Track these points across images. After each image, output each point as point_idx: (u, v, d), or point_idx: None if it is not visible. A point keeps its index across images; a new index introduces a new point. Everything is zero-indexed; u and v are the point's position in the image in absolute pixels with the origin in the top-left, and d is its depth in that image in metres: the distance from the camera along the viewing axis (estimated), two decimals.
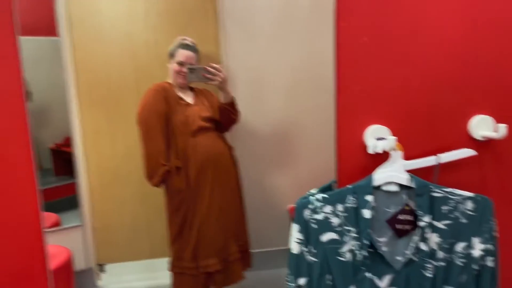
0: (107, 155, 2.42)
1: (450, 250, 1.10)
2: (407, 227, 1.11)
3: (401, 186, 1.11)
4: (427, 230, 1.09)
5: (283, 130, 2.52)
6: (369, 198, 1.10)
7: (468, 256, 1.09)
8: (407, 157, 1.14)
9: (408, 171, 1.12)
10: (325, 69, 2.43)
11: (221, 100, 2.03)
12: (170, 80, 2.09)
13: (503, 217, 1.14)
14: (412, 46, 1.15)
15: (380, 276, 1.13)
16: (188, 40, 2.08)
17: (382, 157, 1.17)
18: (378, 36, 1.13)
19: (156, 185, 2.01)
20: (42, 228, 1.07)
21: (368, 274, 1.12)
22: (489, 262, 1.10)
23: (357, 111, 1.16)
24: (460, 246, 1.10)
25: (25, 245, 1.05)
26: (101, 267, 2.56)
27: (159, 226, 2.20)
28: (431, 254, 1.10)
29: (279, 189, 2.58)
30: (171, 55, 2.06)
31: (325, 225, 1.14)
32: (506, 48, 1.16)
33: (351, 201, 1.12)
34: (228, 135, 2.48)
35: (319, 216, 1.14)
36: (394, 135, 1.16)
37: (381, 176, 1.11)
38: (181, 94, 2.07)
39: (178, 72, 2.02)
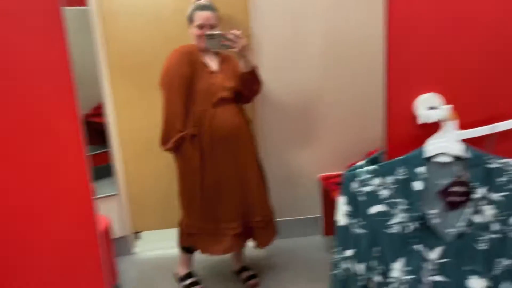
0: (140, 124, 2.43)
1: (506, 222, 1.07)
2: (460, 199, 1.07)
3: (454, 157, 1.07)
4: (481, 202, 1.05)
5: (314, 99, 2.47)
6: (421, 169, 1.07)
7: None
8: (461, 126, 1.09)
9: (462, 140, 1.07)
10: (360, 36, 2.37)
11: (241, 69, 1.96)
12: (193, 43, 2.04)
13: None
14: (467, 7, 1.08)
15: (430, 248, 1.11)
16: (204, 0, 2.01)
17: (433, 127, 1.12)
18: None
19: (169, 150, 2.01)
20: (92, 195, 1.09)
21: (417, 247, 1.10)
22: None
23: (408, 78, 1.11)
24: None
25: (77, 212, 1.07)
26: (136, 234, 2.62)
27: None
28: (486, 227, 1.07)
29: (308, 158, 2.56)
30: (190, 19, 1.99)
31: (373, 197, 1.12)
32: None
33: (401, 173, 1.09)
34: (257, 105, 2.45)
35: (368, 188, 1.12)
36: (447, 103, 1.10)
37: (433, 147, 1.07)
38: (206, 60, 2.01)
39: (200, 36, 1.95)
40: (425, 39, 1.08)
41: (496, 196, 1.06)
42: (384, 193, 1.11)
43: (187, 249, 2.21)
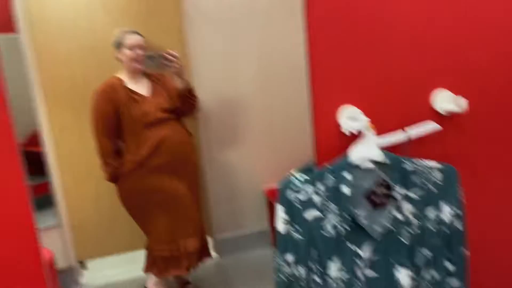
0: (78, 151, 2.39)
1: (422, 217, 1.20)
2: (383, 199, 1.19)
3: (375, 162, 1.19)
4: (401, 200, 1.18)
5: (256, 113, 2.57)
6: (347, 175, 1.18)
7: (439, 222, 1.20)
8: (379, 133, 1.22)
9: (381, 147, 1.20)
10: (294, 53, 2.51)
11: (178, 87, 2.06)
12: (120, 74, 2.08)
13: (466, 184, 1.25)
14: (378, 27, 1.21)
15: (361, 247, 1.21)
16: (128, 29, 2.09)
17: (356, 135, 1.24)
18: (348, 17, 1.18)
19: (109, 181, 2.06)
20: (35, 227, 1.08)
21: (350, 246, 1.20)
22: (458, 224, 1.21)
23: (330, 92, 1.22)
24: (431, 213, 1.20)
25: (20, 245, 1.06)
26: (82, 264, 2.55)
27: None
28: (406, 222, 1.19)
29: (253, 171, 2.65)
30: (118, 44, 2.05)
31: (308, 204, 1.21)
32: (463, 27, 1.24)
33: (331, 180, 1.19)
34: (197, 120, 2.51)
35: (302, 196, 1.21)
36: (365, 114, 1.23)
37: (356, 154, 1.18)
38: (134, 87, 2.06)
39: (133, 58, 2.01)
40: (343, 53, 1.21)
41: (412, 194, 1.19)
42: (317, 199, 1.21)
43: None
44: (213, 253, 2.69)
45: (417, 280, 1.21)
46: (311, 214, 1.21)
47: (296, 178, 1.21)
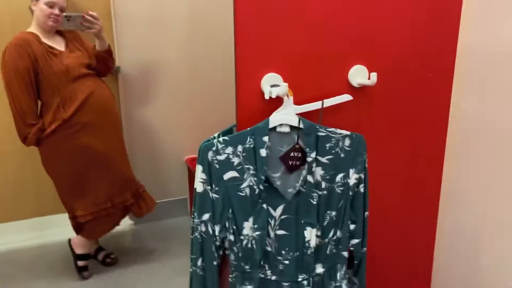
0: None
1: (331, 180, 1.30)
2: (297, 163, 1.27)
3: (292, 127, 1.26)
4: (313, 164, 1.26)
5: (178, 80, 2.53)
6: (265, 138, 1.23)
7: (345, 185, 1.30)
8: (298, 102, 1.29)
9: (298, 114, 1.27)
10: (221, 18, 2.49)
11: (97, 48, 2.01)
12: (33, 28, 1.94)
13: (372, 151, 1.37)
14: (303, 4, 1.27)
15: (274, 207, 1.28)
16: None
17: (277, 103, 1.29)
18: None
19: (31, 145, 1.94)
20: None
21: (264, 206, 1.27)
22: (361, 188, 1.33)
23: (254, 60, 1.26)
24: (339, 177, 1.30)
25: None
26: None
27: (47, 182, 2.11)
28: (316, 185, 1.28)
29: (174, 140, 2.63)
30: None
31: (226, 164, 1.25)
32: (375, 7, 1.34)
33: (249, 142, 1.24)
34: (120, 85, 2.42)
35: (221, 157, 1.24)
36: (286, 82, 1.29)
37: (275, 118, 1.24)
38: (49, 42, 1.95)
39: (49, 15, 1.89)
40: (270, 25, 1.25)
41: (323, 159, 1.28)
42: (236, 160, 1.25)
43: None
44: (129, 221, 2.66)
45: (322, 238, 1.32)
46: (229, 174, 1.26)
47: (217, 140, 1.23)
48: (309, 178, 1.27)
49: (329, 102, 1.32)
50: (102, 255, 2.24)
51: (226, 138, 1.24)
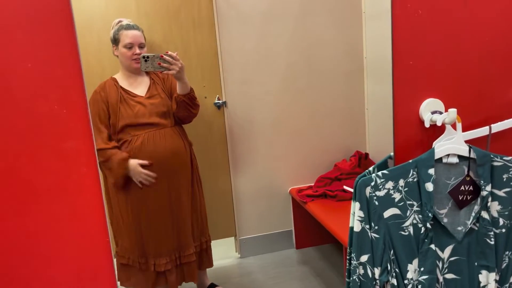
0: None
1: (510, 216, 1.13)
2: (468, 197, 1.13)
3: (461, 157, 1.13)
4: (488, 199, 1.11)
5: (281, 112, 2.49)
6: (431, 171, 1.11)
7: None
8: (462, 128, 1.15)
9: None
10: (318, 50, 2.45)
11: (178, 91, 1.85)
12: (119, 72, 1.93)
13: None
14: (462, 19, 1.15)
15: (442, 247, 1.14)
16: (127, 20, 1.93)
17: (434, 131, 1.17)
18: (432, 9, 1.12)
19: (119, 176, 1.83)
20: (106, 221, 0.99)
21: (430, 247, 1.13)
22: None
23: (412, 85, 1.16)
24: None
25: (90, 239, 0.96)
26: None
27: None
28: (493, 222, 1.13)
29: (278, 172, 2.57)
30: (115, 40, 1.89)
31: (387, 201, 1.13)
32: None
33: (413, 176, 1.12)
34: (226, 120, 2.42)
35: (381, 193, 1.13)
36: (447, 107, 1.16)
37: (442, 148, 1.12)
38: (129, 86, 1.90)
39: (131, 57, 1.85)
40: (427, 47, 1.14)
41: (501, 192, 1.12)
42: (397, 196, 1.13)
43: None
44: (236, 254, 2.61)
45: (501, 283, 1.15)
46: (389, 212, 1.14)
47: (376, 174, 1.13)
48: (484, 214, 1.12)
49: (497, 127, 1.18)
50: None
51: (385, 172, 1.13)
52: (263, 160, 2.53)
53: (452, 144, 1.12)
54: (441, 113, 1.15)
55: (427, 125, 1.15)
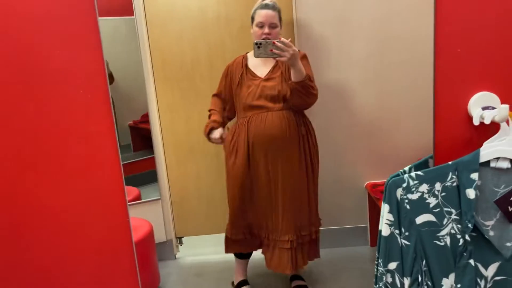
0: (182, 130, 2.45)
1: None
2: None
3: None
4: None
5: (362, 104, 2.37)
6: (474, 176, 0.96)
7: None
8: None
9: None
10: (411, 36, 2.25)
11: (292, 78, 1.81)
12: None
13: None
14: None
15: (486, 264, 0.99)
16: (268, 0, 1.94)
17: (488, 129, 1.01)
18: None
19: (205, 134, 1.98)
20: (126, 201, 1.07)
21: (471, 262, 0.99)
22: None
23: (459, 76, 1.01)
24: None
25: (111, 218, 1.06)
26: (179, 239, 2.63)
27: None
28: None
29: (356, 165, 2.46)
30: (252, 18, 1.94)
31: (420, 205, 1.02)
32: None
33: (452, 180, 0.99)
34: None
35: (414, 196, 1.02)
36: (503, 102, 0.99)
37: (490, 150, 0.96)
38: (253, 66, 1.96)
39: (261, 36, 1.88)
40: (477, 33, 0.98)
41: None
42: (433, 201, 1.01)
43: (239, 255, 2.15)
44: None
45: None
46: (422, 217, 1.03)
47: (409, 175, 1.02)
48: None
49: None
50: (295, 284, 2.18)
51: (420, 173, 1.02)
52: (340, 152, 2.45)
53: (502, 146, 0.96)
54: (494, 108, 0.99)
55: (476, 122, 1.00)
